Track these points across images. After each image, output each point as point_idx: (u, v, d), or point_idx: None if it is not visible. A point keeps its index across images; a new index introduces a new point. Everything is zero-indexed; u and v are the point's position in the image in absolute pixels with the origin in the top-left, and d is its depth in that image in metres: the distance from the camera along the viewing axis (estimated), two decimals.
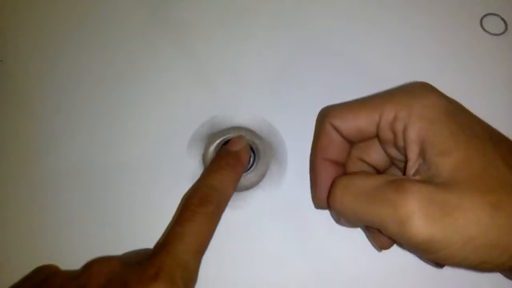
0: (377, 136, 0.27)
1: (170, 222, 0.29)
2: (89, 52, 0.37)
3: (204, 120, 0.34)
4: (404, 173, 0.25)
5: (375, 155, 0.29)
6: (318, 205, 0.29)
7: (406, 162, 0.25)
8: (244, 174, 0.31)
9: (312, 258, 0.30)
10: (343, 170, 0.29)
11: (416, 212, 0.21)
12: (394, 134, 0.26)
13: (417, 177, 0.24)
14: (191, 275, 0.24)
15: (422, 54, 0.37)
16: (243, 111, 0.34)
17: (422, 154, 0.24)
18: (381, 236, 0.27)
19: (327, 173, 0.28)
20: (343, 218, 0.26)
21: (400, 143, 0.26)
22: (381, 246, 0.27)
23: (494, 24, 0.38)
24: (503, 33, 0.38)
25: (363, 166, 0.29)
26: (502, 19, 0.39)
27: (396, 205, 0.22)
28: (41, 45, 0.38)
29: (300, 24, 0.38)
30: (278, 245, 0.31)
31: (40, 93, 0.36)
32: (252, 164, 0.32)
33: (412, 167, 0.24)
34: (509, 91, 0.36)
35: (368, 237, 0.29)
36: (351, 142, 0.28)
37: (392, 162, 0.29)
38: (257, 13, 0.39)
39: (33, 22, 0.39)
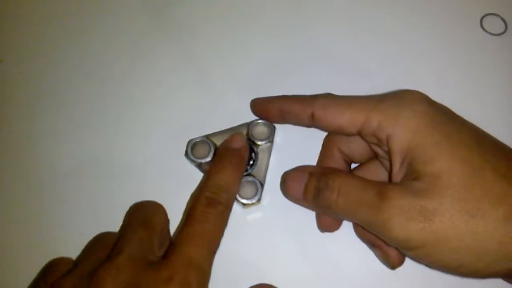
0: (359, 135, 0.28)
1: (179, 224, 0.29)
2: (89, 53, 0.37)
3: (204, 119, 0.34)
4: (390, 178, 0.27)
5: (355, 148, 0.30)
6: (323, 230, 0.30)
7: (391, 168, 0.26)
8: (244, 173, 0.31)
9: (312, 257, 0.30)
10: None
11: (395, 216, 0.24)
12: (378, 139, 0.27)
13: (400, 185, 0.25)
14: (205, 276, 0.24)
15: (422, 54, 0.37)
16: (243, 111, 0.34)
17: (406, 163, 0.25)
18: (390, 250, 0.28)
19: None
20: (335, 215, 0.28)
21: (384, 148, 0.27)
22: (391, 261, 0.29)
23: (494, 24, 0.38)
24: (503, 33, 0.38)
25: (339, 157, 0.30)
26: (502, 19, 0.39)
27: (379, 210, 0.24)
28: (41, 45, 0.38)
29: (301, 26, 0.38)
30: (278, 245, 0.31)
31: (40, 93, 0.36)
32: (253, 163, 0.32)
33: (396, 175, 0.26)
34: (509, 91, 0.36)
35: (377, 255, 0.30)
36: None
37: (375, 155, 0.29)
38: (258, 15, 0.39)
39: (33, 22, 0.39)
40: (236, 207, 0.31)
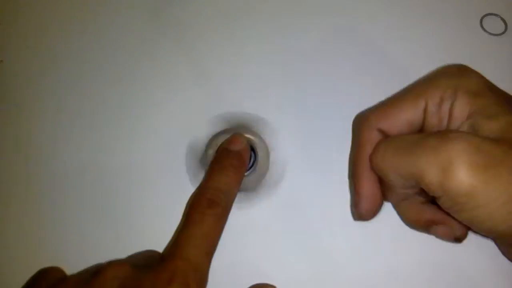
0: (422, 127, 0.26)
1: (179, 225, 0.29)
2: (89, 52, 0.37)
3: (204, 120, 0.34)
4: None
5: (400, 122, 0.28)
6: (360, 217, 0.28)
7: None
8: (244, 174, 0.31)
9: (313, 257, 0.30)
10: None
11: (460, 158, 0.20)
12: (441, 117, 0.25)
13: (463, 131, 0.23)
14: (203, 277, 0.24)
15: (422, 54, 0.37)
16: (243, 111, 0.34)
17: (469, 120, 0.24)
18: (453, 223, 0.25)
19: (374, 184, 0.27)
20: (384, 176, 0.25)
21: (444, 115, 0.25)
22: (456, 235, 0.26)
23: (494, 24, 0.38)
24: (503, 33, 0.38)
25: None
26: (502, 19, 0.39)
27: (439, 151, 0.21)
28: (41, 45, 0.37)
29: (298, 24, 0.38)
30: (278, 245, 0.31)
31: (40, 93, 0.36)
32: (253, 164, 0.32)
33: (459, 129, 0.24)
34: (509, 91, 0.36)
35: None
36: None
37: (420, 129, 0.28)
38: (257, 12, 0.39)
39: (33, 22, 0.39)
40: (235, 209, 0.31)
